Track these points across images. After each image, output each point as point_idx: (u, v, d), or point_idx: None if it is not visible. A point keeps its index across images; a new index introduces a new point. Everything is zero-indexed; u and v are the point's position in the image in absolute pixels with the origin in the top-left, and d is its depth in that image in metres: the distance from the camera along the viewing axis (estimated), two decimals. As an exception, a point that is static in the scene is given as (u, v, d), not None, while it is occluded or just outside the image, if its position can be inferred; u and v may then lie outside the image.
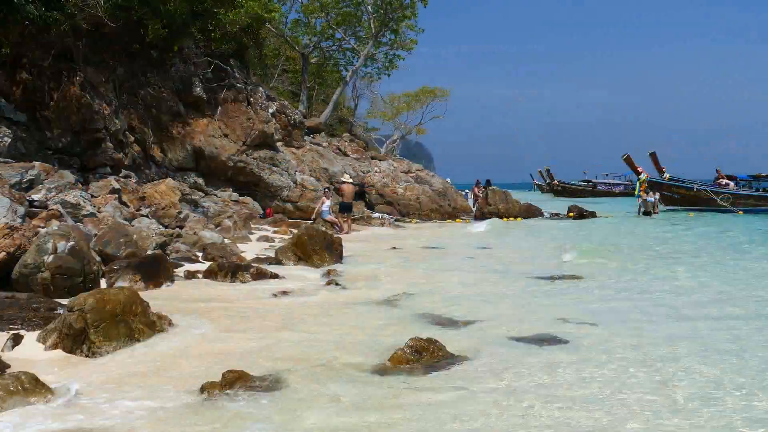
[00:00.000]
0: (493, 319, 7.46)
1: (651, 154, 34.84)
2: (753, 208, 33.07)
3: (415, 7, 31.83)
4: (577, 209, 28.50)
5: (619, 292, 9.52)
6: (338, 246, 12.13)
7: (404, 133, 47.14)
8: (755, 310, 8.13)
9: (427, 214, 25.78)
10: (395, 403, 4.60)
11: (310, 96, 37.11)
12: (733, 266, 12.60)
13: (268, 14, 22.24)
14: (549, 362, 5.66)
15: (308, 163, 24.37)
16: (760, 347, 6.20)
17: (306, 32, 33.84)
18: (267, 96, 22.68)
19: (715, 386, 5.04)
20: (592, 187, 66.26)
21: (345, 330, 6.79)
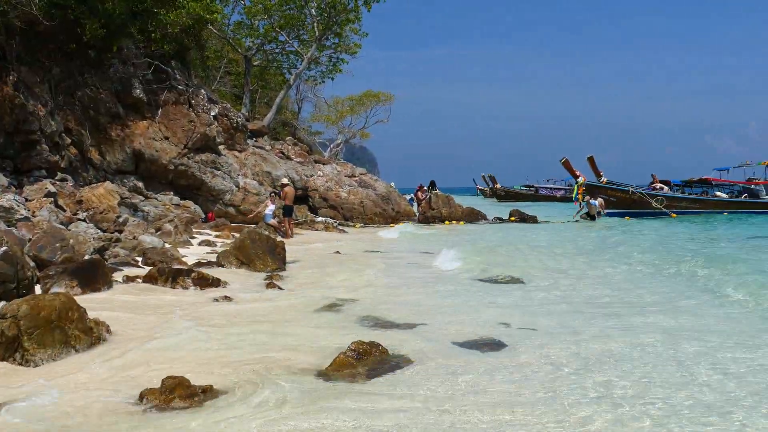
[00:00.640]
0: (436, 322, 7.52)
1: (589, 158, 35.62)
2: (685, 211, 34.18)
3: (359, 11, 31.87)
4: (519, 213, 28.96)
5: (558, 296, 9.70)
6: (281, 250, 12.06)
7: (348, 137, 47.19)
8: (689, 309, 8.38)
9: (370, 218, 25.83)
10: (336, 409, 4.58)
11: (253, 99, 36.79)
12: (668, 267, 12.97)
13: (210, 15, 21.99)
14: (490, 366, 5.71)
15: (251, 166, 24.16)
16: (692, 343, 6.40)
17: (249, 34, 33.54)
18: (209, 98, 22.41)
19: (648, 383, 5.18)
20: (534, 191, 67.41)
21: (286, 334, 6.75)
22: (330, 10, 31.08)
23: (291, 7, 32.15)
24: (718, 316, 8.09)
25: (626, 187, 34.68)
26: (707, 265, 12.18)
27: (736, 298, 9.21)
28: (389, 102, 46.56)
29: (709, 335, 6.85)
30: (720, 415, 4.53)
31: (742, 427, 4.33)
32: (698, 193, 37.13)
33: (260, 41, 33.55)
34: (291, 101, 45.02)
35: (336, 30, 32.45)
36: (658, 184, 36.36)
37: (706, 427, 4.32)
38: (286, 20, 32.29)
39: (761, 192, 36.94)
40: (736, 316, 8.11)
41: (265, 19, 32.25)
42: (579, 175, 33.29)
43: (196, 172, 20.42)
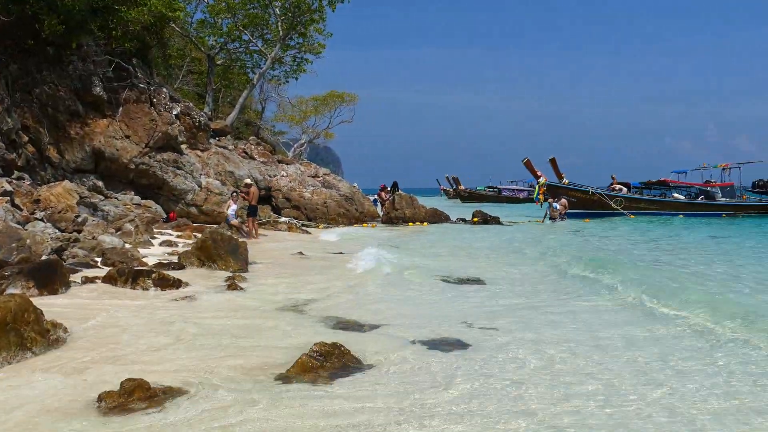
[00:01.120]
0: (399, 322, 7.55)
1: (551, 159, 36.07)
2: (643, 212, 34.85)
3: (323, 11, 31.84)
4: (482, 215, 29.18)
5: (520, 296, 9.81)
6: (244, 251, 11.97)
7: (312, 138, 47.08)
8: (644, 311, 8.55)
9: (334, 218, 25.80)
10: (297, 412, 4.57)
11: (216, 98, 36.51)
12: (633, 267, 13.21)
13: (173, 13, 21.74)
14: (452, 366, 5.76)
15: (213, 166, 23.95)
16: (649, 345, 6.54)
17: (212, 33, 33.29)
18: (171, 97, 22.16)
19: (609, 383, 5.28)
20: (497, 193, 68.00)
21: (248, 335, 6.72)
22: (294, 9, 30.98)
23: (255, 6, 31.98)
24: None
25: (586, 188, 35.21)
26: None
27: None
28: (353, 102, 46.59)
29: (635, 339, 7.01)
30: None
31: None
32: (657, 195, 37.87)
33: (223, 40, 33.32)
34: (254, 101, 44.77)
35: (300, 30, 32.37)
36: (617, 185, 36.99)
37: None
38: (250, 19, 32.10)
39: (717, 194, 37.80)
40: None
41: (229, 17, 32.03)
42: (540, 176, 33.70)
43: (157, 171, 20.17)
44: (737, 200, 38.34)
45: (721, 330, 7.16)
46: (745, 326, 7.18)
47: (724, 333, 7.04)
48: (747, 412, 4.66)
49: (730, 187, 38.66)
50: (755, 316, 7.54)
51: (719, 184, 38.52)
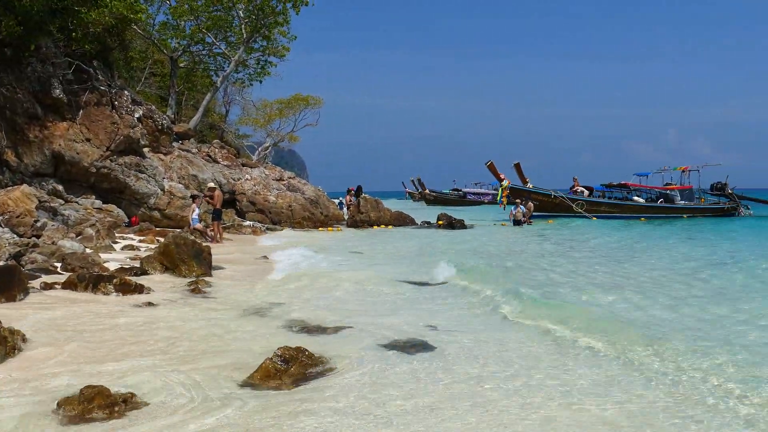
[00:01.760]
0: (363, 326, 7.56)
1: (515, 164, 36.43)
2: (605, 215, 35.39)
3: (287, 14, 31.70)
4: (447, 218, 29.30)
5: (485, 298, 9.87)
6: (207, 255, 11.87)
7: (276, 141, 46.87)
8: (609, 315, 8.68)
9: (299, 222, 25.71)
10: (261, 418, 4.55)
11: (180, 101, 36.14)
12: (593, 268, 13.40)
13: (134, 15, 21.47)
14: (417, 370, 5.78)
15: (177, 169, 23.71)
16: (614, 348, 6.63)
17: (175, 35, 32.95)
18: (133, 100, 21.88)
19: (569, 386, 5.35)
20: (462, 196, 68.41)
21: (212, 341, 6.66)
22: (258, 12, 30.82)
23: (218, 9, 31.74)
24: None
25: (548, 192, 35.63)
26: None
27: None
28: (318, 106, 46.50)
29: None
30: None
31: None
32: (618, 198, 38.47)
33: (186, 42, 32.99)
34: (218, 104, 44.44)
35: (264, 32, 32.20)
36: (578, 187, 37.49)
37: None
38: (213, 22, 31.85)
39: (676, 197, 38.52)
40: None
41: (192, 20, 31.75)
42: (503, 179, 34.01)
43: (119, 175, 19.89)
44: (696, 203, 39.11)
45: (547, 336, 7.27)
46: (577, 330, 7.28)
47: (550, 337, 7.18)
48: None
49: (689, 190, 39.43)
50: (588, 321, 7.67)
51: (679, 186, 39.26)
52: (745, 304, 9.27)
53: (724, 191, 39.65)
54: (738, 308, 9.00)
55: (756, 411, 4.75)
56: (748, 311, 8.76)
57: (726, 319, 8.26)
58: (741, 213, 38.70)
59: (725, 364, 5.91)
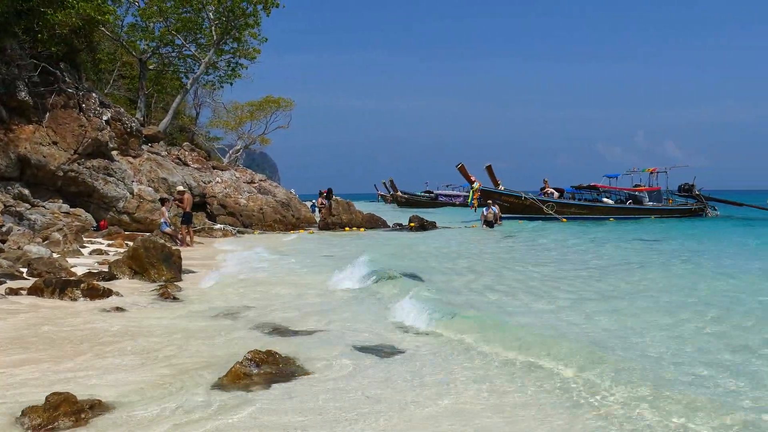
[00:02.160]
0: (334, 327, 7.55)
1: (487, 167, 36.65)
2: (575, 216, 35.76)
3: (258, 15, 31.55)
4: (419, 219, 29.36)
5: (454, 298, 9.90)
6: (177, 259, 11.76)
7: (248, 143, 46.70)
8: (584, 316, 8.76)
9: (270, 225, 25.59)
10: (231, 420, 4.52)
11: (149, 103, 35.78)
12: (565, 268, 13.52)
13: (102, 16, 21.22)
14: (387, 372, 5.79)
15: (146, 173, 23.47)
16: (582, 353, 6.70)
17: (144, 37, 32.59)
18: (101, 102, 21.61)
19: (539, 384, 5.39)
20: (434, 198, 68.65)
21: (180, 345, 6.60)
22: (228, 14, 30.64)
23: (188, 10, 31.46)
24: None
25: (519, 194, 35.91)
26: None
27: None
28: (290, 108, 46.46)
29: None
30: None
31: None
32: (588, 199, 38.88)
33: (156, 44, 32.65)
34: (188, 106, 44.16)
35: (235, 34, 32.01)
36: (549, 189, 37.83)
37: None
38: (183, 23, 31.56)
39: (645, 198, 39.04)
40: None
41: (161, 21, 31.44)
42: (474, 181, 34.17)
43: (87, 178, 19.63)
44: (664, 204, 39.68)
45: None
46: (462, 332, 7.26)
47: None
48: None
49: (657, 191, 40.00)
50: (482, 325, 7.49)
51: (647, 188, 39.80)
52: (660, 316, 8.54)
53: (692, 192, 40.28)
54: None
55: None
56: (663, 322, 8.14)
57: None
58: (708, 214, 39.34)
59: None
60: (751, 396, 5.09)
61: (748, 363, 6.08)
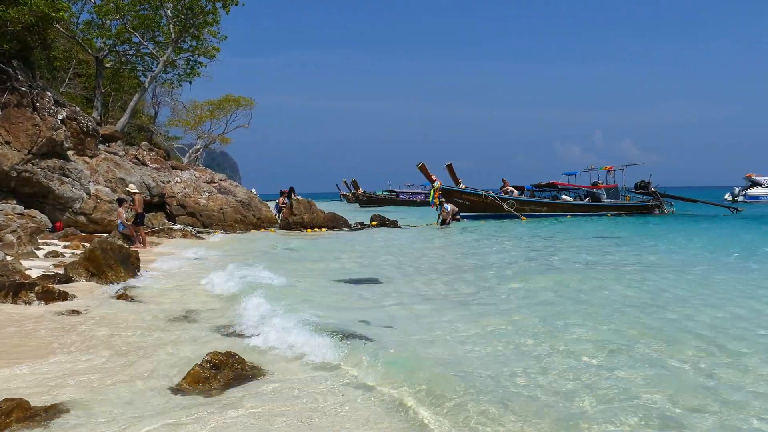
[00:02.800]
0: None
1: (447, 165, 36.86)
2: (534, 214, 36.18)
3: (217, 13, 31.19)
4: (380, 218, 29.40)
5: (413, 296, 9.96)
6: (135, 260, 11.62)
7: (208, 143, 46.26)
8: (531, 312, 8.87)
9: (231, 225, 25.38)
10: (189, 422, 4.48)
11: (106, 102, 35.21)
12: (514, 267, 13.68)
13: (56, 13, 20.82)
14: (348, 371, 5.79)
15: (103, 173, 23.08)
16: (541, 335, 6.79)
17: (100, 35, 31.97)
18: (56, 101, 21.19)
19: (510, 373, 5.44)
20: (395, 196, 68.89)
21: (138, 347, 6.53)
22: (187, 11, 30.25)
23: (145, 8, 30.99)
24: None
25: (479, 192, 36.19)
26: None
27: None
28: (250, 107, 46.17)
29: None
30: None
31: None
32: (547, 197, 39.37)
33: (112, 42, 32.07)
34: (147, 105, 43.55)
35: (193, 32, 31.64)
36: (508, 188, 38.21)
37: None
38: (140, 21, 31.07)
39: (603, 195, 39.66)
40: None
41: (118, 18, 30.88)
42: (435, 180, 34.32)
43: (42, 179, 19.23)
44: (621, 201, 40.36)
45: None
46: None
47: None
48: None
49: (614, 188, 40.66)
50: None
51: (605, 186, 40.43)
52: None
53: (648, 189, 41.01)
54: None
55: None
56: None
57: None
58: (664, 211, 40.10)
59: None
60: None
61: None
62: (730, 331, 7.34)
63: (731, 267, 13.80)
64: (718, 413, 4.69)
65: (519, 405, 4.73)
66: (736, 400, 4.95)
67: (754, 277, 12.01)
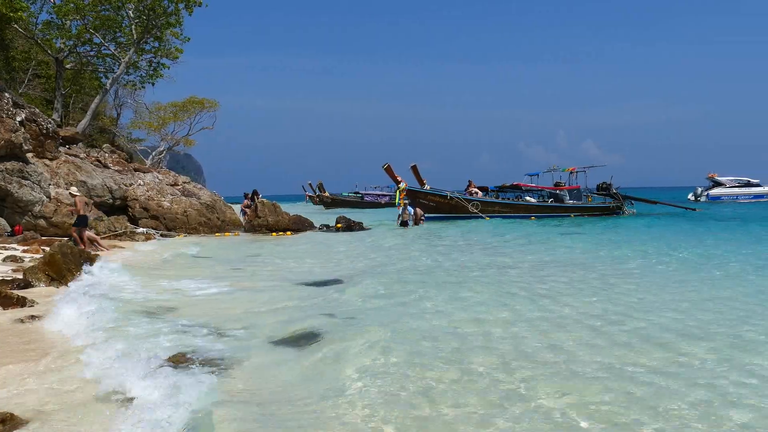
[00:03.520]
0: (257, 324, 7.61)
1: (412, 167, 36.96)
2: (498, 215, 36.51)
3: (179, 14, 30.94)
4: (345, 220, 29.39)
5: (372, 298, 9.99)
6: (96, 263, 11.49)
7: (171, 145, 45.85)
8: (492, 312, 8.97)
9: (195, 228, 25.17)
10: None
11: (67, 104, 34.72)
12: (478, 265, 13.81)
13: (14, 13, 20.53)
14: (308, 365, 5.85)
15: (64, 176, 22.74)
16: (499, 328, 6.89)
17: (60, 35, 31.50)
18: (14, 102, 20.83)
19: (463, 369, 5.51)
20: (360, 198, 68.93)
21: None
22: (149, 12, 29.96)
23: (106, 8, 30.60)
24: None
25: (444, 193, 36.40)
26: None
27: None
28: (214, 109, 45.88)
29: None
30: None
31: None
32: (511, 198, 39.73)
33: (73, 43, 31.63)
34: (109, 107, 43.07)
35: (156, 33, 31.33)
36: (473, 189, 38.48)
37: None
38: (102, 21, 30.68)
39: (566, 197, 40.15)
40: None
41: (78, 19, 30.46)
42: (401, 181, 34.39)
43: (0, 182, 18.90)
44: (584, 202, 40.89)
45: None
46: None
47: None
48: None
49: (577, 190, 41.16)
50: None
51: (568, 187, 40.92)
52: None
53: (610, 191, 41.59)
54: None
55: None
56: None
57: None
58: (625, 212, 40.73)
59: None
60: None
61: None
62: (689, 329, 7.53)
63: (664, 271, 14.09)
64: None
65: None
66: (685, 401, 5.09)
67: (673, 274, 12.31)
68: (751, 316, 8.22)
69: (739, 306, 8.98)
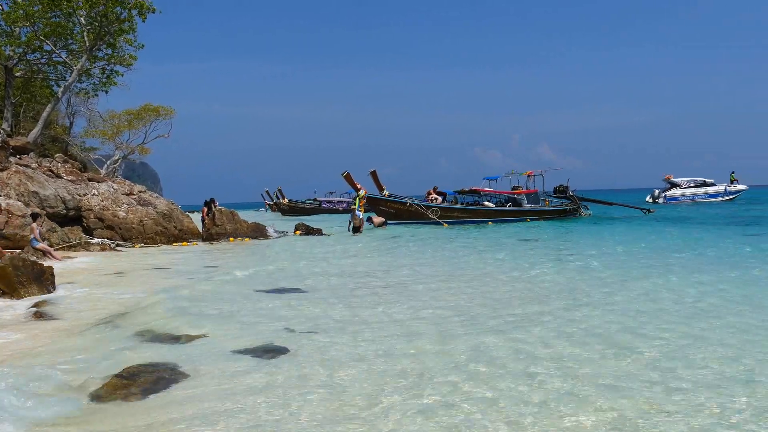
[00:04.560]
0: (217, 333, 7.51)
1: (371, 172, 37.01)
2: (457, 221, 36.72)
3: (133, 21, 30.44)
4: (304, 227, 29.29)
5: (337, 303, 9.99)
6: (50, 275, 11.25)
7: (126, 153, 45.19)
8: (451, 315, 9.03)
9: (151, 237, 24.83)
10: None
11: (17, 113, 33.92)
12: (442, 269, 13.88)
13: (-39, 21, 19.94)
14: (270, 374, 5.80)
15: (15, 186, 22.21)
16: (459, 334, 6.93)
17: (9, 42, 30.73)
18: (-38, 112, 20.31)
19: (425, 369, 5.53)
20: (318, 205, 68.87)
21: (53, 363, 6.32)
22: (101, 19, 29.42)
23: (57, 15, 29.97)
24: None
25: (404, 200, 36.51)
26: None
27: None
28: (170, 116, 45.39)
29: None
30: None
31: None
32: (470, 203, 40.00)
33: (22, 50, 30.90)
34: (61, 115, 42.21)
35: (109, 40, 30.79)
36: (433, 195, 38.67)
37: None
38: (52, 28, 30.01)
39: (523, 201, 40.60)
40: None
41: (28, 26, 29.77)
42: (360, 188, 34.40)
43: (-53, 193, 18.39)
44: (541, 205, 41.40)
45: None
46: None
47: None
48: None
49: (534, 193, 41.67)
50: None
51: (525, 191, 41.37)
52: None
53: (566, 194, 42.19)
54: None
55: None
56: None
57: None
58: (582, 214, 41.36)
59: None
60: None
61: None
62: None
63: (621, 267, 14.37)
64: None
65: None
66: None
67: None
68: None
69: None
